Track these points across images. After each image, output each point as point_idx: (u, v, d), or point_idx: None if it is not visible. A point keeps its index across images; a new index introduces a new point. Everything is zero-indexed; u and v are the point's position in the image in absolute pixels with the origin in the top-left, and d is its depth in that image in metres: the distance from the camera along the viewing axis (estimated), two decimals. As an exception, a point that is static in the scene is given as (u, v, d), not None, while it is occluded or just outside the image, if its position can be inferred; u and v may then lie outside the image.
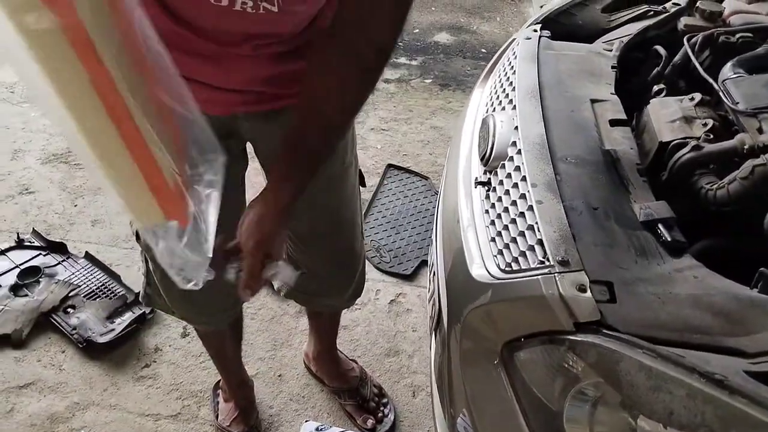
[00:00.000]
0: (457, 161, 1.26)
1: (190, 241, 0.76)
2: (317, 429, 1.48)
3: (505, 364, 0.86)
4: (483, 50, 3.38)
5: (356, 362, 1.66)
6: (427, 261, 1.99)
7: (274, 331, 1.77)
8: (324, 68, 0.83)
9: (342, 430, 1.50)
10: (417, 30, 3.56)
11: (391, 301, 1.88)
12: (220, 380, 1.59)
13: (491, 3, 3.89)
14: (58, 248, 1.97)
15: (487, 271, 0.95)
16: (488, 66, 1.52)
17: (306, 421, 1.53)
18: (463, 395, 0.97)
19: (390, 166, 2.43)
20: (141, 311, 1.77)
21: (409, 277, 1.95)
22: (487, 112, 1.29)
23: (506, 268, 0.92)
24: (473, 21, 3.70)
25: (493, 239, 0.99)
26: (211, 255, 0.78)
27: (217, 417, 1.54)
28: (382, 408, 1.58)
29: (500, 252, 0.96)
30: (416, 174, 2.40)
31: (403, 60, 3.24)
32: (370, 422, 1.54)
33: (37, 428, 1.53)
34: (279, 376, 1.67)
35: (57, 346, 1.71)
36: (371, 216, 2.19)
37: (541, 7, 3.85)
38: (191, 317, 1.30)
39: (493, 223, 1.02)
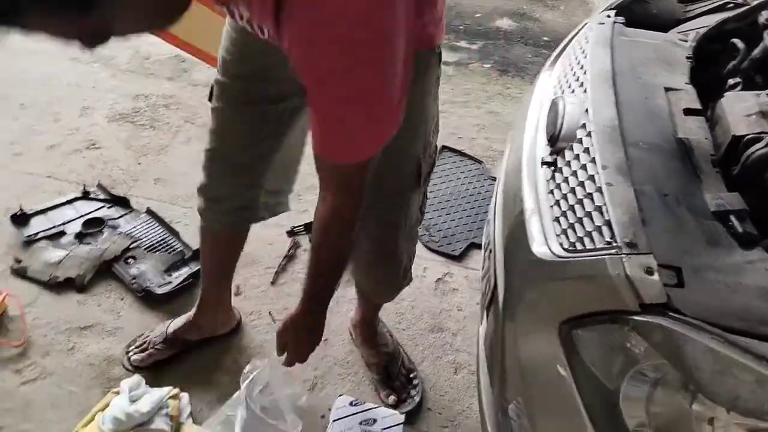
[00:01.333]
0: (521, 142, 1.27)
1: None
2: (351, 403, 1.50)
3: (563, 342, 0.87)
4: (545, 38, 3.33)
5: (394, 339, 1.68)
6: (476, 243, 2.01)
7: (323, 298, 1.81)
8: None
9: (376, 406, 1.51)
10: (479, 14, 3.53)
11: (438, 279, 1.90)
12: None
13: (556, -9, 3.83)
14: (121, 202, 2.05)
15: (550, 249, 0.96)
16: (557, 50, 1.51)
17: (340, 395, 1.55)
18: (517, 376, 0.99)
19: (444, 147, 2.43)
20: (198, 267, 1.83)
21: (458, 258, 1.96)
22: (555, 95, 1.28)
23: (569, 248, 0.93)
24: (536, 8, 3.64)
25: (556, 219, 1.00)
26: None
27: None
28: (409, 389, 1.59)
29: (564, 232, 0.96)
30: (470, 157, 2.40)
31: (463, 44, 3.22)
32: (391, 398, 1.56)
33: (94, 368, 1.61)
34: (325, 340, 1.68)
35: (117, 293, 1.79)
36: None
37: (608, -3, 3.79)
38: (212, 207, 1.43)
39: (557, 203, 1.02)
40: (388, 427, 1.44)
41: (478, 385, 1.26)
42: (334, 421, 1.45)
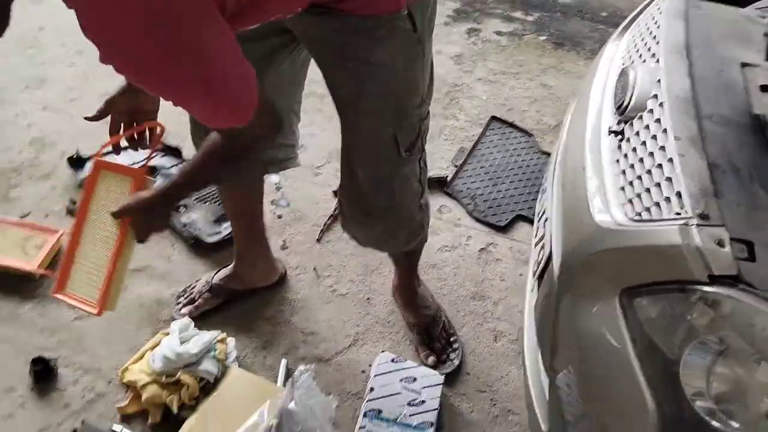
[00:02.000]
0: (585, 109, 1.25)
1: None
2: (392, 360, 1.53)
3: (624, 310, 0.86)
4: (603, 13, 3.24)
5: (435, 302, 1.69)
6: (522, 216, 1.99)
7: (366, 257, 1.83)
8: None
9: (416, 365, 1.53)
10: (536, -15, 3.44)
11: (481, 249, 1.90)
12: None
13: (617, -35, 3.71)
14: (173, 151, 2.09)
15: (613, 218, 0.95)
16: (627, 20, 1.47)
17: (382, 351, 1.57)
18: (571, 344, 0.99)
19: (494, 118, 2.41)
20: (246, 220, 1.87)
21: (503, 229, 1.96)
22: (625, 64, 1.26)
23: (635, 217, 0.92)
24: (596, -18, 3.53)
25: (621, 188, 0.99)
26: None
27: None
28: (448, 352, 1.60)
29: (629, 201, 0.95)
30: (520, 129, 2.37)
31: (518, 14, 3.16)
32: (431, 359, 1.57)
33: (145, 308, 1.67)
34: (367, 299, 1.73)
35: (168, 240, 1.84)
36: (469, 165, 2.20)
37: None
38: None
39: (623, 172, 1.01)
40: (427, 387, 1.46)
41: (522, 354, 1.26)
42: (376, 376, 1.48)
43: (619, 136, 1.08)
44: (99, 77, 2.42)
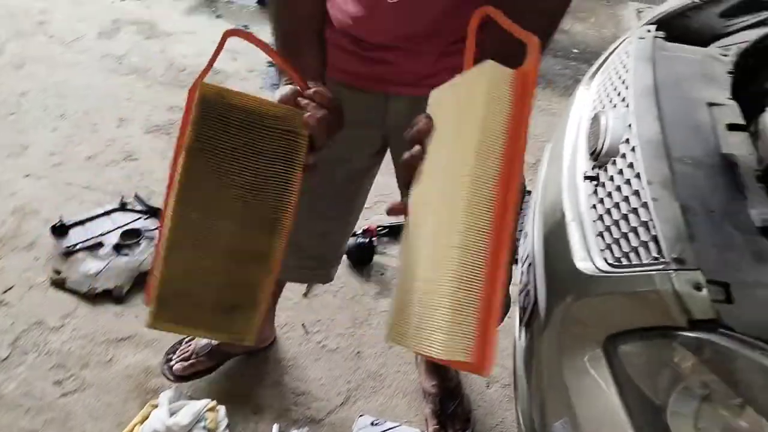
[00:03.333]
0: (559, 156, 1.27)
1: None
2: (372, 423, 1.49)
3: (608, 358, 0.86)
4: (575, 50, 3.32)
5: (459, 378, 1.63)
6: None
7: (354, 309, 1.82)
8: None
9: (397, 424, 1.50)
10: (508, 27, 3.53)
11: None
12: None
13: (585, 3, 3.81)
14: (157, 213, 2.09)
15: (594, 264, 0.95)
16: (595, 65, 1.51)
17: (360, 416, 1.53)
18: (560, 393, 0.98)
19: (475, 160, 2.43)
20: (232, 279, 1.86)
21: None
22: (596, 109, 1.28)
23: (615, 263, 0.92)
24: (566, 20, 3.61)
25: (600, 234, 1.00)
26: None
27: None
28: (459, 430, 1.54)
29: (608, 247, 0.96)
30: (501, 170, 2.39)
31: (492, 57, 3.23)
32: None
33: (132, 379, 1.64)
34: (357, 353, 1.72)
35: (154, 305, 1.82)
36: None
37: (639, 12, 3.76)
38: None
39: (600, 217, 1.02)
40: (411, 445, 1.43)
41: (516, 403, 1.25)
42: (357, 441, 1.45)
43: (594, 182, 1.09)
44: (81, 141, 2.44)
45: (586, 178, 1.11)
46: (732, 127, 1.11)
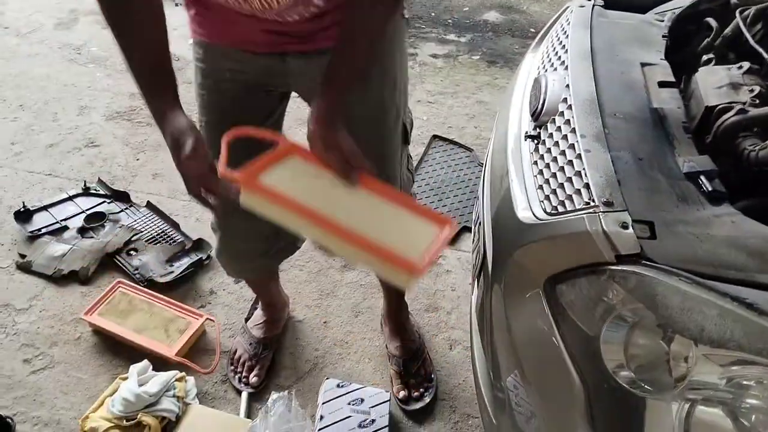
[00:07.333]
0: (507, 119, 1.33)
1: None
2: (338, 385, 1.54)
3: (548, 298, 0.92)
4: (532, 30, 3.40)
5: (421, 340, 1.69)
6: (468, 227, 2.06)
7: (321, 282, 1.87)
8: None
9: (362, 386, 1.54)
10: (467, 8, 3.59)
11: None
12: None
13: (542, -16, 3.90)
14: (121, 197, 2.10)
15: (534, 214, 1.02)
16: (540, 33, 1.57)
17: (327, 379, 1.57)
18: (509, 342, 1.04)
19: (435, 136, 2.49)
20: (198, 257, 1.89)
21: (450, 242, 2.02)
22: (540, 73, 1.34)
23: (552, 211, 0.98)
24: (523, 1, 3.71)
25: (540, 187, 1.06)
26: None
27: (247, 320, 1.71)
28: (422, 390, 1.58)
29: (547, 197, 1.02)
30: (460, 145, 2.46)
31: (452, 36, 3.29)
32: (402, 394, 1.56)
33: (101, 355, 1.66)
34: (324, 322, 1.76)
35: (120, 283, 1.84)
36: (414, 183, 2.26)
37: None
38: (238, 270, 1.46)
39: (541, 172, 1.08)
40: (375, 405, 1.49)
41: (473, 360, 1.31)
42: (324, 403, 1.50)
43: (535, 140, 1.15)
44: (43, 130, 2.43)
45: (528, 137, 1.17)
46: (663, 84, 1.18)
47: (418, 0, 3.65)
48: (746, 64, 1.18)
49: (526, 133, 1.18)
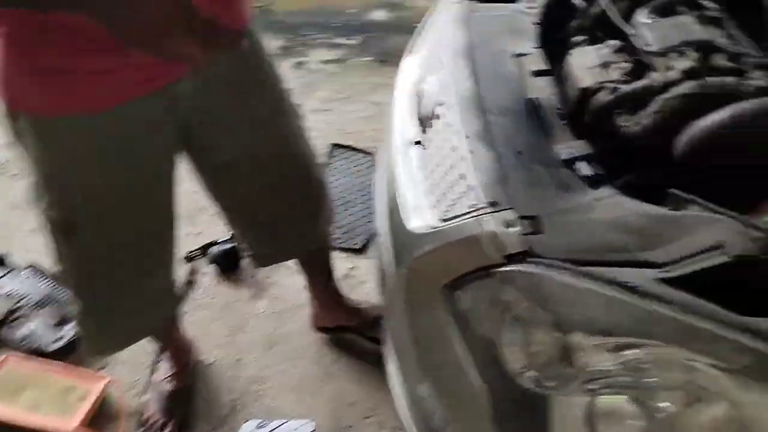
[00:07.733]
0: (391, 126, 1.30)
1: None
2: (258, 426, 1.47)
3: (447, 305, 0.89)
4: (417, 24, 3.40)
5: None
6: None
7: (229, 317, 1.78)
8: None
9: (284, 421, 1.48)
10: (353, 9, 3.56)
11: (345, 275, 1.90)
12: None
13: (424, -21, 3.93)
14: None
15: (425, 221, 0.98)
16: (415, 34, 1.55)
17: (245, 422, 1.49)
18: (418, 357, 1.01)
19: (334, 145, 2.45)
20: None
21: (360, 251, 1.98)
22: (419, 76, 1.32)
23: (443, 217, 0.96)
24: (408, -3, 3.72)
25: (430, 192, 1.03)
26: None
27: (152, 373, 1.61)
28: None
29: (437, 203, 0.99)
30: (360, 150, 2.42)
31: (341, 40, 3.24)
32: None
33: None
34: (237, 360, 1.68)
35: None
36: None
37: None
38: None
39: (428, 178, 1.05)
40: (300, 437, 1.43)
41: (389, 373, 1.27)
42: (245, 447, 1.42)
43: (423, 146, 1.12)
44: None
45: (415, 143, 1.14)
46: (537, 73, 1.18)
47: (303, 9, 3.59)
48: (614, 42, 1.20)
49: (414, 140, 1.15)
